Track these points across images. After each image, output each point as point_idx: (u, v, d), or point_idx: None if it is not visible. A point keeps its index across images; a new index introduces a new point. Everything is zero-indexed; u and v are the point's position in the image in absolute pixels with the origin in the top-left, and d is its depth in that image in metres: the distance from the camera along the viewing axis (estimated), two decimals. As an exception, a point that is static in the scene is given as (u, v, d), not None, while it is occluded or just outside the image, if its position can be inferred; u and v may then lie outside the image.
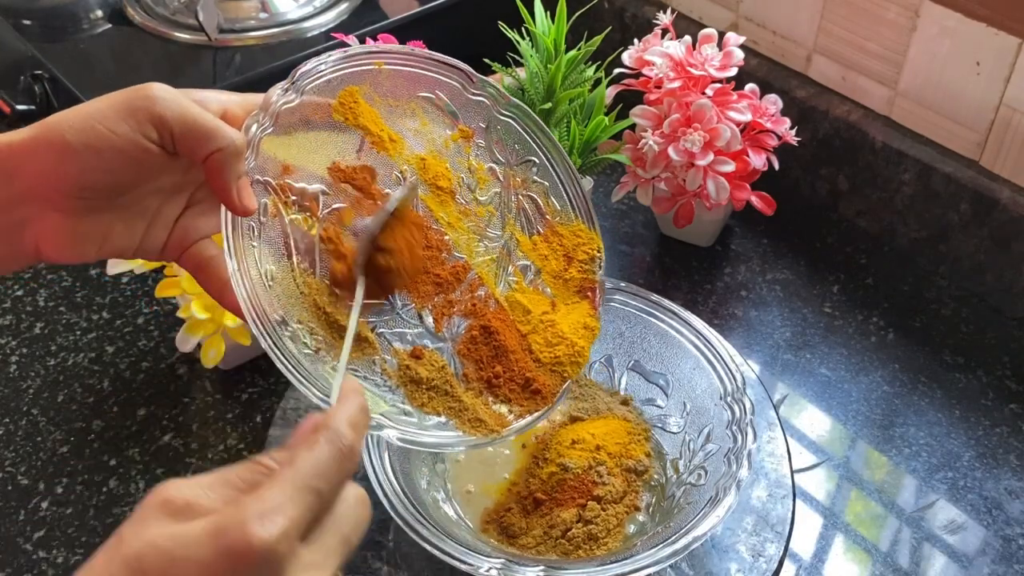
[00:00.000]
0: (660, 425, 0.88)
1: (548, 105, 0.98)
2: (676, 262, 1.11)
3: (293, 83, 0.66)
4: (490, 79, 0.75)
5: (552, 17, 0.99)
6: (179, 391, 0.97)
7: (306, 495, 0.47)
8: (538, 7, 1.00)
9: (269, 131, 0.65)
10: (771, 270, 1.11)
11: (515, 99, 0.76)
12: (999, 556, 0.84)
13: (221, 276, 0.65)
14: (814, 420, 0.95)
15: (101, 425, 0.94)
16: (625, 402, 0.90)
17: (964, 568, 0.83)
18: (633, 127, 1.04)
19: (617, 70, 1.07)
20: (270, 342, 0.64)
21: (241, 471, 0.50)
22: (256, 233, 0.65)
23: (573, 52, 0.99)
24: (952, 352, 1.01)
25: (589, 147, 1.02)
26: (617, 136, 1.05)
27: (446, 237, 0.75)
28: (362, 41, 1.01)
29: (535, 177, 0.79)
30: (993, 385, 0.98)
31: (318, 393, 0.64)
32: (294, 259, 0.68)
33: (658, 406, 0.89)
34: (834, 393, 0.97)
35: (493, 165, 0.77)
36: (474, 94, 0.75)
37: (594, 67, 1.03)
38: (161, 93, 0.60)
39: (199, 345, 0.91)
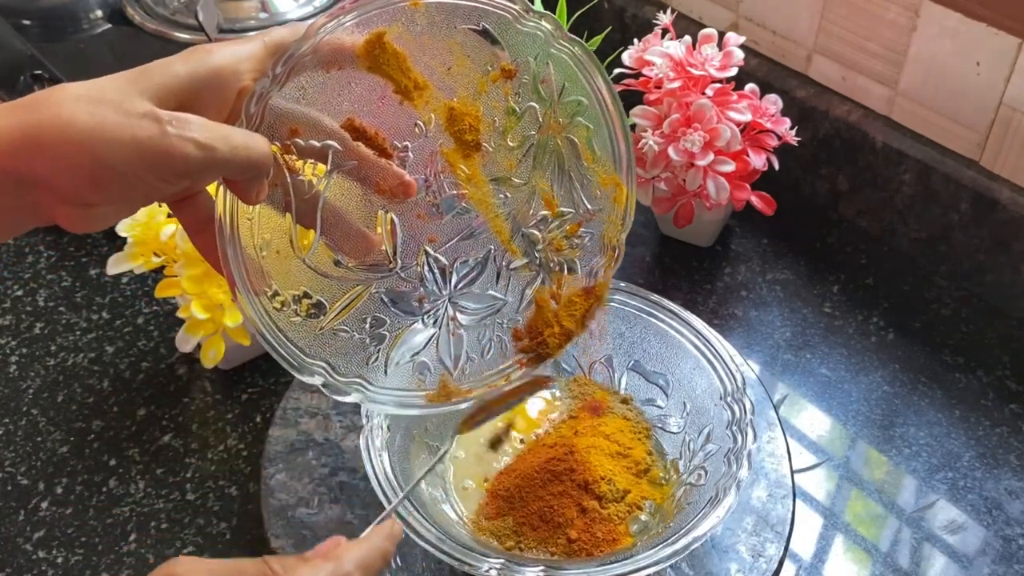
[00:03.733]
0: (660, 425, 0.88)
1: (548, 105, 0.98)
2: (676, 262, 1.11)
3: (314, 34, 0.62)
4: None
5: (552, 17, 0.99)
6: (179, 391, 0.97)
7: None
8: (538, 7, 1.00)
9: (281, 90, 0.62)
10: (771, 270, 1.11)
11: (572, 34, 0.72)
12: (999, 556, 0.84)
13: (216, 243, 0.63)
14: (814, 420, 0.95)
15: (101, 425, 0.94)
16: (625, 401, 0.90)
17: (964, 568, 0.83)
18: (633, 127, 1.04)
19: (617, 70, 1.07)
20: (257, 320, 0.64)
21: (251, 569, 0.51)
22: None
23: (573, 52, 0.99)
24: (952, 352, 1.01)
25: (589, 147, 1.02)
26: (617, 136, 1.04)
27: (463, 190, 0.72)
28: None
29: (581, 118, 0.74)
30: (993, 385, 0.98)
31: (294, 364, 0.66)
32: (292, 215, 0.66)
33: (658, 406, 0.89)
34: (834, 393, 0.97)
35: (534, 104, 0.73)
36: (527, 26, 0.70)
37: (594, 67, 1.02)
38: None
39: (199, 345, 0.91)
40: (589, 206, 0.76)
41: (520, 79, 0.71)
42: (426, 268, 0.73)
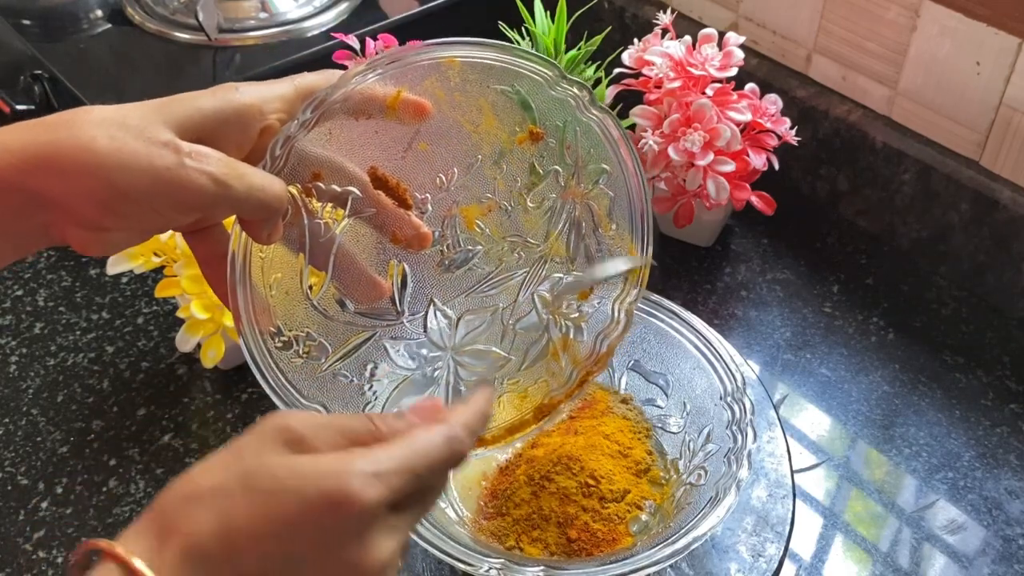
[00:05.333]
0: (660, 425, 0.88)
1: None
2: (676, 262, 1.11)
3: (347, 82, 0.63)
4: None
5: (552, 17, 0.99)
6: (179, 391, 0.97)
7: (411, 476, 0.50)
8: (538, 7, 1.00)
9: (308, 134, 0.63)
10: (771, 270, 1.11)
11: (601, 104, 0.72)
12: (999, 556, 0.84)
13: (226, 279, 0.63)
14: (814, 420, 0.95)
15: (101, 425, 0.94)
16: (625, 401, 0.90)
17: (964, 568, 0.83)
18: (633, 127, 1.04)
19: (617, 70, 1.07)
20: (256, 358, 0.65)
21: (354, 422, 0.52)
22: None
23: (573, 52, 1.00)
24: (952, 352, 1.02)
25: (589, 147, 1.02)
26: (617, 136, 1.05)
27: (478, 247, 0.73)
28: (362, 42, 1.01)
29: (603, 186, 0.74)
30: (993, 385, 0.98)
31: (288, 404, 0.65)
32: (305, 256, 0.66)
33: (658, 406, 0.89)
34: (834, 393, 0.97)
35: (558, 168, 0.73)
36: (558, 91, 0.70)
37: (594, 67, 1.03)
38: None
39: (199, 345, 0.91)
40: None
41: (547, 142, 0.71)
42: (432, 320, 0.74)
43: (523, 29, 1.00)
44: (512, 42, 1.00)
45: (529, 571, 0.71)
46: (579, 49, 1.00)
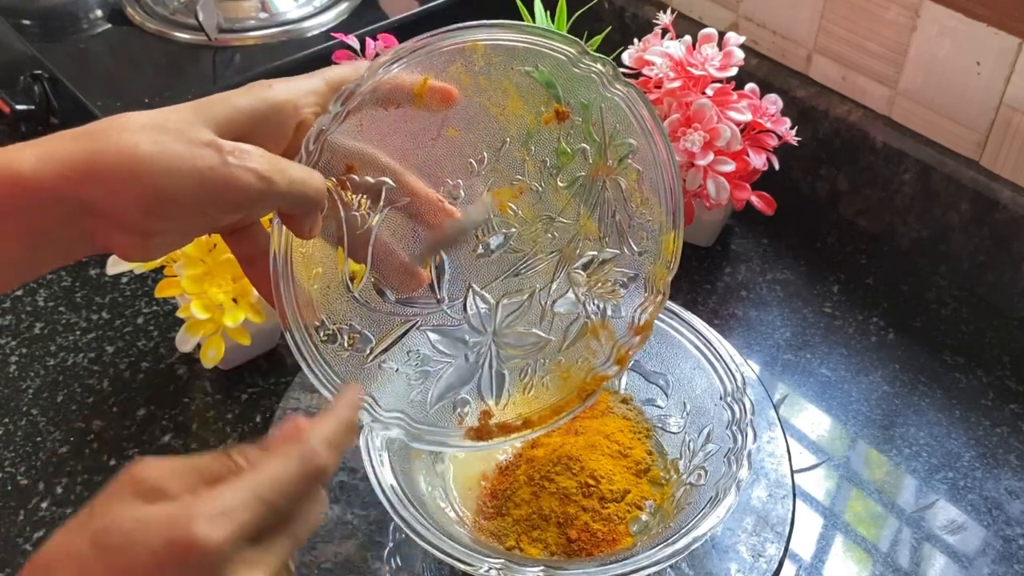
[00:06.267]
0: (660, 425, 0.88)
1: (548, 105, 0.98)
2: (676, 262, 1.11)
3: (375, 72, 0.63)
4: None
5: (552, 17, 1.00)
6: (179, 391, 0.97)
7: (260, 506, 0.49)
8: (538, 7, 1.01)
9: (340, 127, 0.63)
10: (771, 270, 1.11)
11: (627, 79, 0.71)
12: (999, 556, 0.84)
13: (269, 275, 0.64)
14: (814, 420, 0.95)
15: (101, 425, 0.94)
16: (625, 401, 0.90)
17: (964, 568, 0.84)
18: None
19: (617, 70, 1.07)
20: (304, 354, 0.66)
21: (211, 461, 0.52)
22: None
23: (573, 52, 0.99)
24: (952, 352, 1.02)
25: (589, 147, 1.02)
26: (617, 136, 1.05)
27: (512, 229, 0.73)
28: (362, 42, 1.01)
29: (631, 161, 0.73)
30: (993, 385, 0.98)
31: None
32: (344, 249, 0.67)
33: (658, 406, 0.89)
34: (834, 393, 0.98)
35: (586, 146, 0.73)
36: (582, 68, 0.69)
37: (594, 67, 1.03)
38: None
39: (199, 345, 0.91)
40: (636, 248, 0.76)
41: (573, 120, 0.71)
42: (472, 305, 0.74)
43: (523, 29, 1.00)
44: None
45: (529, 571, 0.71)
46: (579, 49, 1.00)
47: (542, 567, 0.72)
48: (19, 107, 1.13)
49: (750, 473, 0.77)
